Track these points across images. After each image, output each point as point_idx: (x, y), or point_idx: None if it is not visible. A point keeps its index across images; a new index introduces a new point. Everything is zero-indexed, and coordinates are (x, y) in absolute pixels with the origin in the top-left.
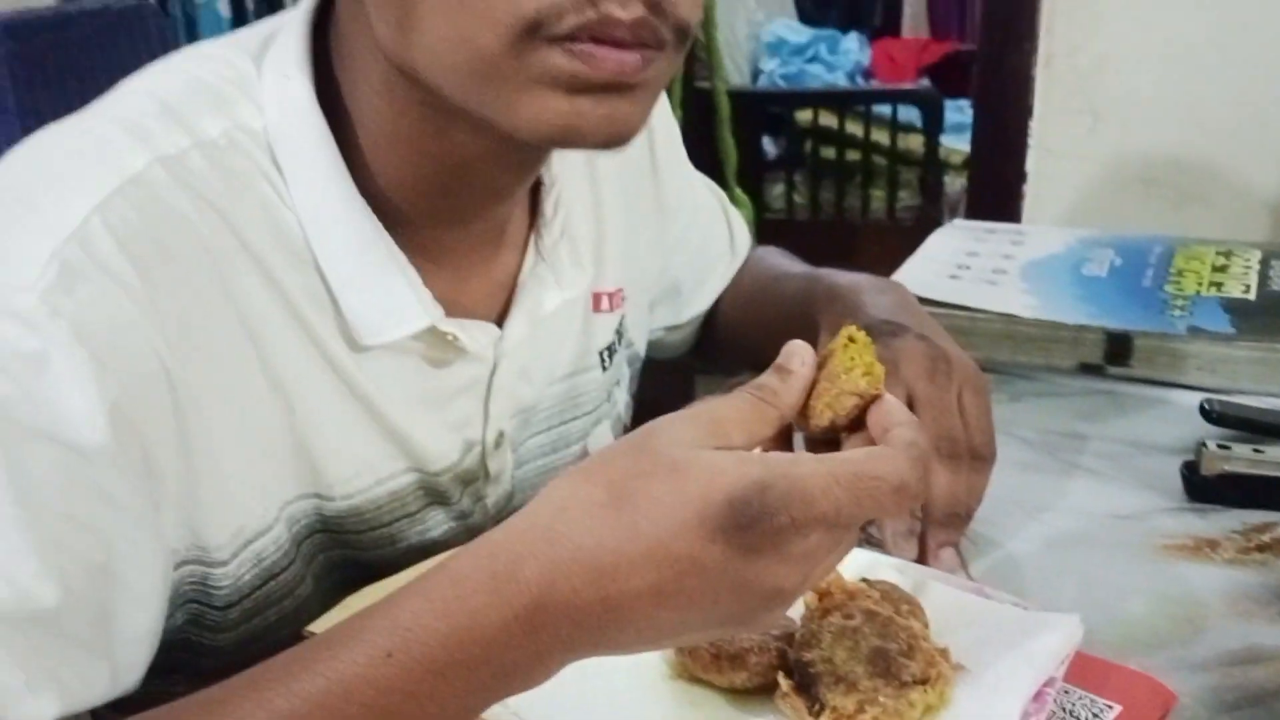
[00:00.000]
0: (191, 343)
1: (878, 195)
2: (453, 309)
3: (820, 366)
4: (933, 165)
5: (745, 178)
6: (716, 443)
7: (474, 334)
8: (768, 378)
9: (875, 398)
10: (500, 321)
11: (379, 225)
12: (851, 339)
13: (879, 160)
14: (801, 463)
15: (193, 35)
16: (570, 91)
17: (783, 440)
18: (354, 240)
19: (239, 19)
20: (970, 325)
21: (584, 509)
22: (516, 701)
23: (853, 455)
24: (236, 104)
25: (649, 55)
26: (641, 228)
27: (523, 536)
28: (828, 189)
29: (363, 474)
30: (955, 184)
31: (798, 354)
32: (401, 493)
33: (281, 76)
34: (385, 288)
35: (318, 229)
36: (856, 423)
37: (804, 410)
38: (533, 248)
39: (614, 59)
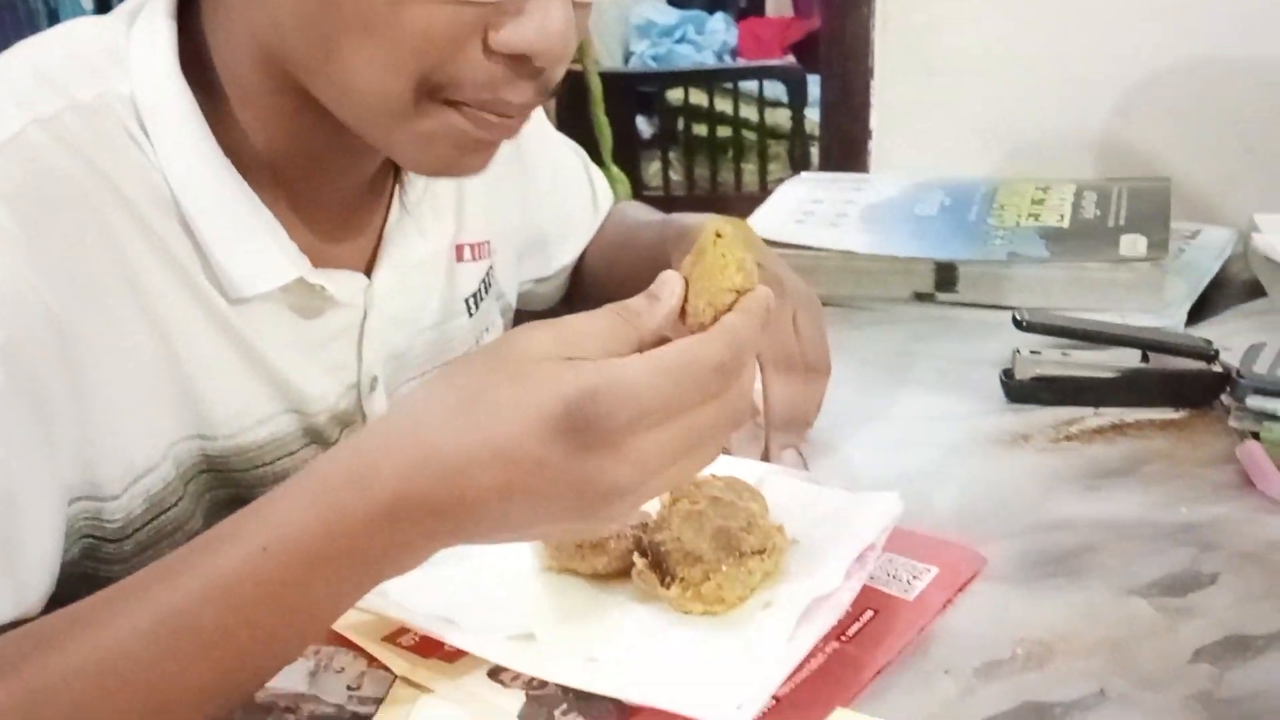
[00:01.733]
0: (77, 291)
1: (749, 169)
2: (321, 260)
3: (695, 266)
4: (799, 138)
5: (621, 157)
6: (568, 353)
7: (342, 284)
8: (636, 300)
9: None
10: (369, 271)
11: (244, 184)
12: (719, 234)
13: (749, 135)
14: (629, 363)
15: (54, 23)
16: (457, 146)
17: None
18: (219, 200)
19: (102, 6)
20: (814, 263)
21: (438, 411)
22: (397, 594)
23: (673, 346)
24: (107, 72)
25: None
26: (504, 183)
27: (383, 439)
28: (701, 165)
29: (244, 415)
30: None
31: (669, 284)
32: (282, 434)
33: (148, 44)
34: (252, 244)
35: (184, 189)
36: None
37: (684, 311)
38: (398, 202)
39: (504, 126)
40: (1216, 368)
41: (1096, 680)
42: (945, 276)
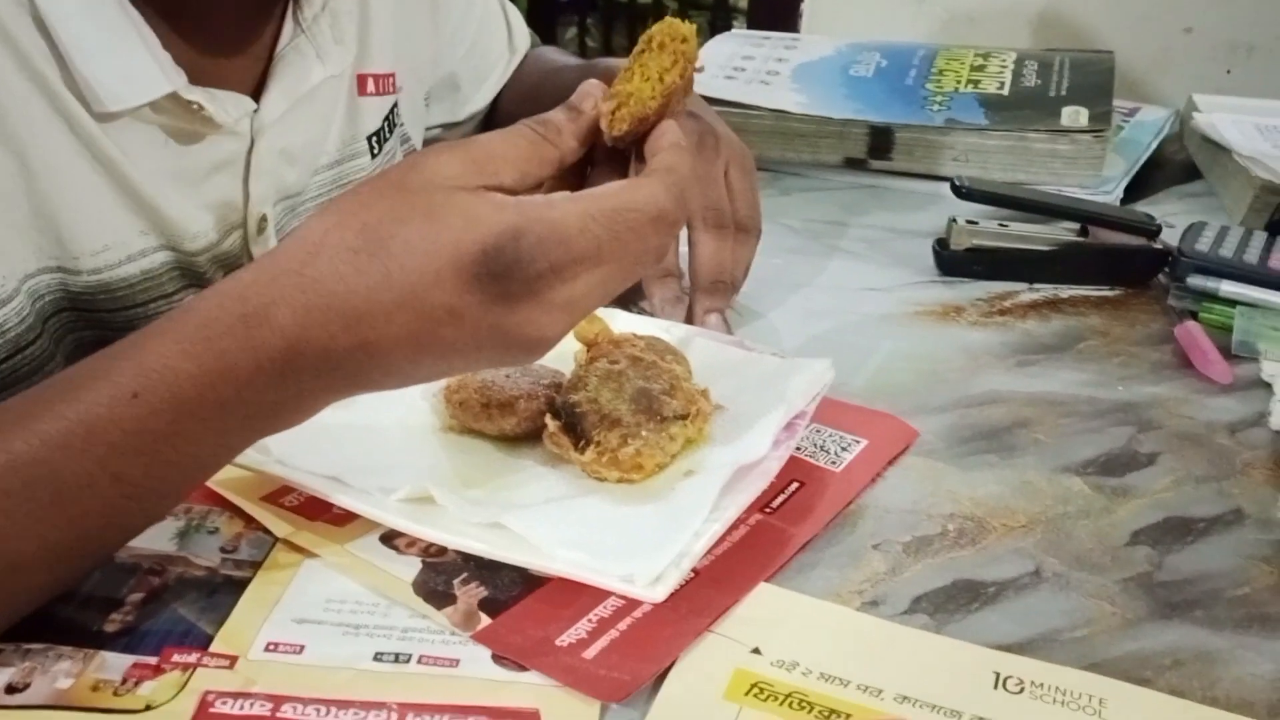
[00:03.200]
0: None
1: None
2: (201, 78)
3: (635, 60)
4: (721, 9)
5: (537, 22)
6: (483, 181)
7: (225, 105)
8: (555, 114)
9: (667, 105)
10: (257, 96)
11: None
12: (649, 40)
13: (670, 3)
14: (556, 205)
15: None
16: None
17: (563, 182)
18: None
19: None
20: (743, 122)
21: (337, 253)
22: (280, 450)
23: (608, 189)
24: None
25: None
26: (413, 14)
27: (274, 280)
28: (620, 32)
29: (111, 248)
30: (744, 27)
31: (591, 94)
32: (155, 272)
33: None
34: (119, 50)
35: None
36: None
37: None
38: (291, 19)
39: None
40: (1157, 245)
41: (1031, 559)
42: (880, 142)
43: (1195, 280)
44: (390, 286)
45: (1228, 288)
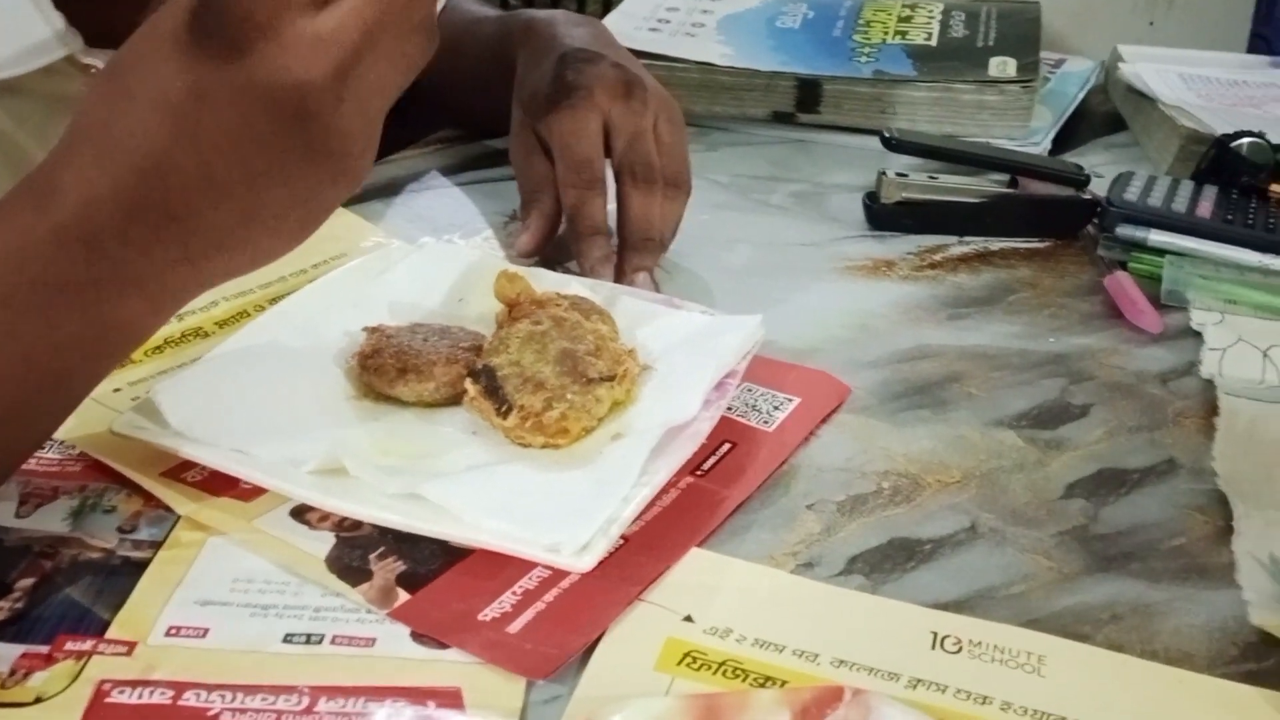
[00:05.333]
0: None
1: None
2: (99, 40)
3: None
4: None
5: None
6: None
7: None
8: None
9: None
10: None
11: None
12: None
13: None
14: None
15: None
16: None
17: None
18: None
19: None
20: (669, 76)
21: (91, 101)
22: (180, 422)
23: None
24: None
25: None
26: None
27: (54, 155)
28: None
29: None
30: None
31: None
32: None
33: None
34: (6, 10)
35: None
36: None
37: None
38: None
39: None
40: (1086, 195)
41: (967, 515)
42: (808, 95)
43: (1124, 230)
44: (134, 99)
45: (1156, 237)
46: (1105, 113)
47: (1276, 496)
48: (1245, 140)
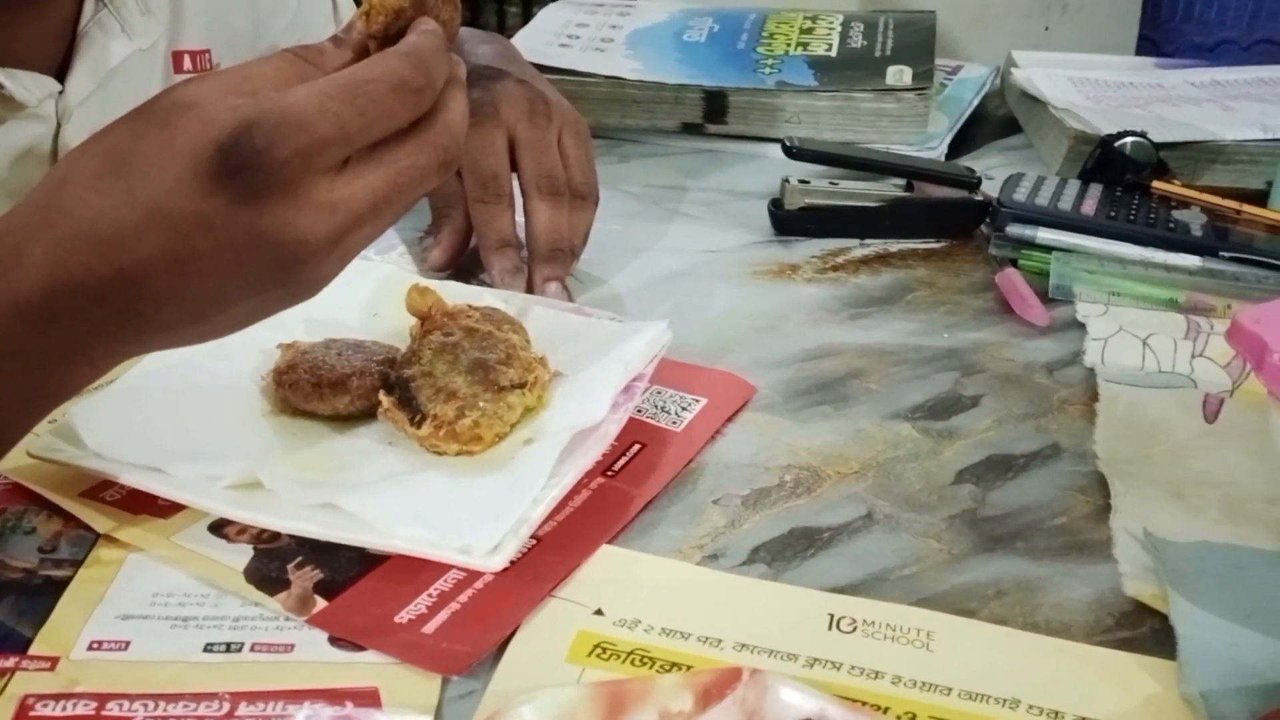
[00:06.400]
0: None
1: (513, 11)
2: None
3: None
4: None
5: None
6: (231, 96)
7: (25, 84)
8: (320, 43)
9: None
10: (61, 77)
11: None
12: None
13: None
14: (292, 91)
15: None
16: None
17: None
18: None
19: None
20: (579, 90)
21: (81, 182)
22: (97, 443)
23: (345, 70)
24: None
25: None
26: None
27: (24, 220)
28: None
29: None
30: None
31: (357, 25)
32: None
33: None
34: None
35: None
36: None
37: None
38: None
39: None
40: (978, 197)
41: (864, 504)
42: (715, 106)
43: (1014, 229)
44: (134, 204)
45: (1044, 234)
46: (1002, 117)
47: (1153, 475)
48: (1129, 140)
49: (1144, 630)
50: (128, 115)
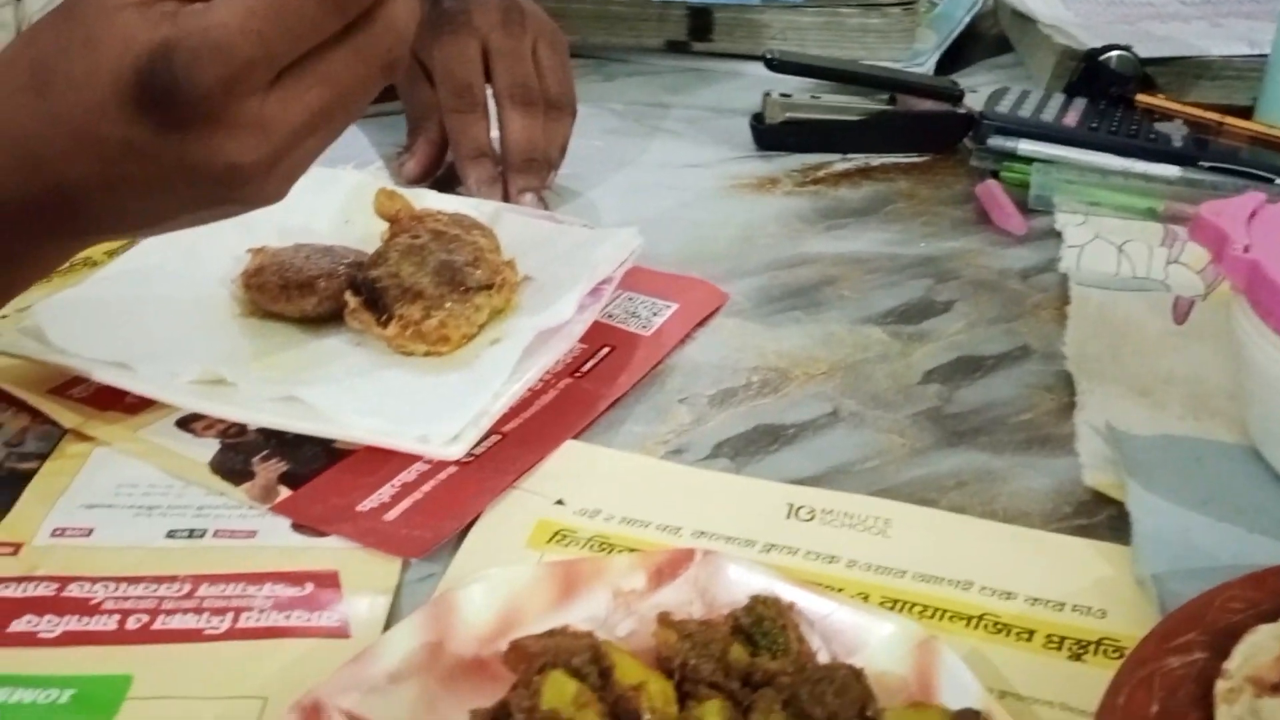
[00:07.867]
0: None
1: None
2: None
3: None
4: None
5: None
6: (158, 14)
7: None
8: None
9: None
10: None
11: None
12: None
13: None
14: (213, 8)
15: None
16: None
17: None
18: None
19: None
20: (563, 7)
21: (10, 95)
22: (63, 340)
23: None
24: None
25: None
26: None
27: None
28: None
29: None
30: None
31: None
32: None
33: None
34: None
35: None
36: None
37: None
38: None
39: None
40: (961, 110)
41: (830, 402)
42: (700, 23)
43: (995, 140)
44: (60, 127)
45: (1025, 146)
46: (994, 36)
47: (1120, 371)
48: (1114, 54)
49: (1100, 518)
50: (52, 17)
